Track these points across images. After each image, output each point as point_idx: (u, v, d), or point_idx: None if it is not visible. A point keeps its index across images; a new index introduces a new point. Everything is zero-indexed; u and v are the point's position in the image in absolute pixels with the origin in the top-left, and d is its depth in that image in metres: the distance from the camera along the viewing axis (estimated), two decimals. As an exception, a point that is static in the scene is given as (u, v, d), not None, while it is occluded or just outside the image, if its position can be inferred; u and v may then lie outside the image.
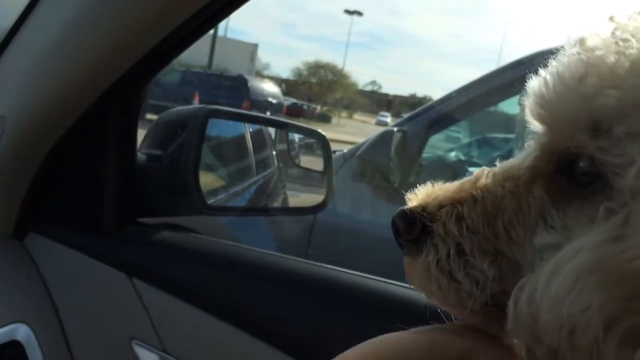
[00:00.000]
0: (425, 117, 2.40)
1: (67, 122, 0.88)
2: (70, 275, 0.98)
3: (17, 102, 0.88)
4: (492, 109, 2.85)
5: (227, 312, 0.86)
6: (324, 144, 1.18)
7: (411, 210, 0.40)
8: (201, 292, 0.88)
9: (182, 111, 1.07)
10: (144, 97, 0.94)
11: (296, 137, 1.35)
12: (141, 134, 1.09)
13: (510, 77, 2.39)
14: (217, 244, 0.95)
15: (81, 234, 0.98)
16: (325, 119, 36.00)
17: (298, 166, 1.35)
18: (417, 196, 0.41)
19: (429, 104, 2.52)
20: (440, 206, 0.39)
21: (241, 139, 1.47)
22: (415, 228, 0.39)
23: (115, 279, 0.93)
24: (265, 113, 16.51)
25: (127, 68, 0.80)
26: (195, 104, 12.29)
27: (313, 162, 1.34)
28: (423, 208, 0.40)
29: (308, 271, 0.84)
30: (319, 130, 1.19)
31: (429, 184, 0.43)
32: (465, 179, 0.41)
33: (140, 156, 1.03)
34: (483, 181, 0.40)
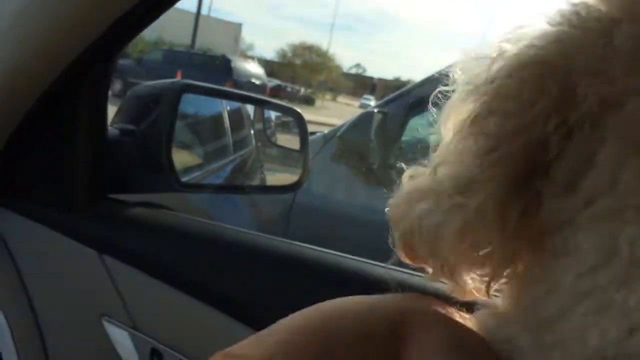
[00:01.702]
0: (406, 99, 2.40)
1: (34, 94, 0.86)
2: (39, 252, 0.96)
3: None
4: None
5: (199, 290, 0.85)
6: (300, 122, 1.16)
7: None
8: (173, 269, 0.87)
9: (156, 85, 1.05)
10: (114, 70, 0.92)
11: (273, 115, 1.34)
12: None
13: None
14: (191, 221, 0.93)
15: (51, 209, 0.96)
16: (309, 101, 35.87)
17: (274, 144, 1.34)
18: None
19: (410, 85, 2.52)
20: None
21: (218, 117, 1.45)
22: None
23: (85, 256, 0.91)
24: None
25: (96, 37, 0.78)
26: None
27: (290, 140, 1.33)
28: None
29: (284, 249, 0.83)
30: (295, 108, 1.18)
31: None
32: None
33: (113, 131, 1.01)
34: None
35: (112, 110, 1.01)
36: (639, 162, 0.29)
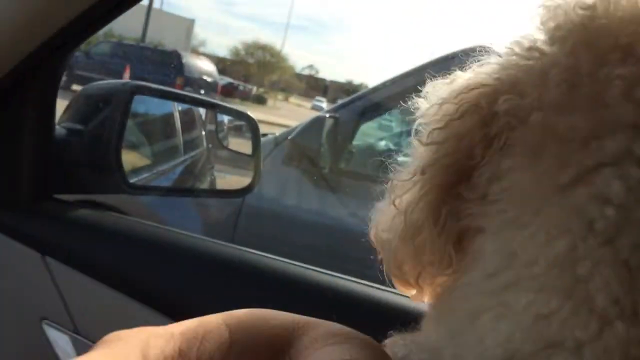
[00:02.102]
0: (358, 104, 2.43)
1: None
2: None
3: None
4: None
5: (142, 293, 0.84)
6: (253, 127, 1.17)
7: None
8: (116, 272, 0.86)
9: (107, 85, 1.03)
10: (64, 68, 0.90)
11: (225, 118, 1.33)
12: (64, 105, 1.04)
13: (440, 70, 2.45)
14: (135, 223, 0.92)
15: (-9, 208, 0.93)
16: (261, 100, 35.67)
17: (226, 148, 1.34)
18: None
19: (362, 91, 2.55)
20: None
21: (169, 117, 1.44)
22: None
23: (26, 257, 0.89)
24: (199, 91, 16.16)
25: (48, 37, 0.76)
26: (126, 77, 11.85)
27: (242, 144, 1.33)
28: None
29: (226, 253, 0.83)
30: (248, 113, 1.18)
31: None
32: None
33: (60, 130, 0.99)
34: None
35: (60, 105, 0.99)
36: (537, 169, 0.32)
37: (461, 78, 0.40)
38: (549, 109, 0.32)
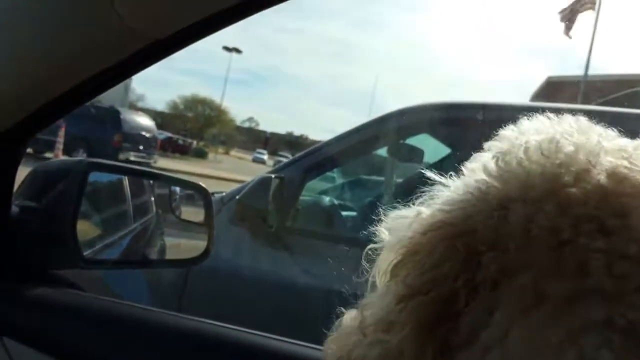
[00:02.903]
0: (303, 163, 2.51)
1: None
2: None
3: None
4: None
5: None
6: (205, 196, 1.21)
7: None
8: (77, 350, 0.87)
9: (61, 163, 1.06)
10: (25, 152, 0.92)
11: (176, 188, 1.37)
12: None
13: (381, 130, 2.58)
14: (94, 300, 0.94)
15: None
16: (201, 154, 35.45)
17: (179, 219, 1.36)
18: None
19: (306, 150, 2.64)
20: None
21: (118, 184, 1.45)
22: None
23: (-18, 339, 0.88)
24: (138, 147, 15.96)
25: (9, 126, 0.79)
26: (61, 135, 11.59)
27: (194, 212, 1.36)
28: None
29: (190, 326, 0.86)
30: (201, 184, 1.22)
31: None
32: None
33: (14, 208, 1.00)
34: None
35: None
36: (528, 326, 0.35)
37: (423, 213, 0.43)
38: (538, 271, 0.36)
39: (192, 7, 0.62)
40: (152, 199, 1.57)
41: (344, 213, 3.07)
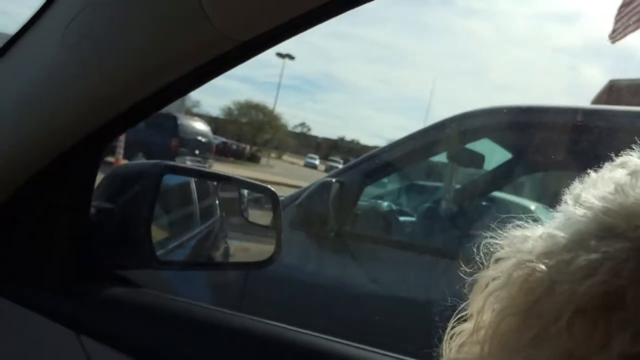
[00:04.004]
0: (362, 168, 2.49)
1: (23, 178, 0.87)
2: (15, 333, 0.95)
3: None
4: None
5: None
6: (274, 200, 1.21)
7: None
8: (153, 350, 0.88)
9: (137, 166, 1.08)
10: (105, 154, 0.95)
11: (245, 191, 1.38)
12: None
13: (441, 135, 2.54)
14: (169, 300, 0.95)
15: (26, 288, 0.96)
16: (254, 159, 35.95)
17: (248, 221, 1.37)
18: None
19: (366, 154, 2.62)
20: None
21: (186, 187, 1.48)
22: None
23: (62, 337, 0.91)
24: (194, 151, 16.32)
25: (89, 131, 0.81)
26: (122, 139, 11.98)
27: (260, 215, 1.37)
28: None
29: (266, 330, 0.86)
30: (269, 187, 1.22)
31: None
32: None
33: (91, 210, 1.03)
34: None
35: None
36: None
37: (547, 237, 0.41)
38: None
39: (277, 9, 0.62)
40: (217, 202, 1.58)
41: (402, 219, 3.04)
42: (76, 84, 0.76)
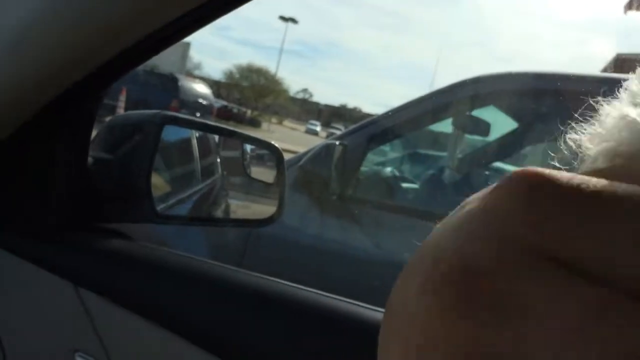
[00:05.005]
0: (365, 132, 2.45)
1: (16, 124, 0.84)
2: (8, 282, 0.93)
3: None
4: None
5: (176, 325, 0.84)
6: (278, 156, 1.18)
7: None
8: (151, 303, 0.86)
9: (136, 115, 1.04)
10: (102, 99, 0.91)
11: (248, 147, 1.34)
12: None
13: (447, 100, 2.49)
14: (168, 254, 0.93)
15: (22, 238, 0.93)
16: (255, 123, 35.81)
17: (250, 177, 1.34)
18: None
19: (369, 119, 2.58)
20: None
21: (187, 142, 1.44)
22: None
23: (59, 288, 0.89)
24: (195, 113, 16.25)
25: (87, 73, 0.77)
26: (122, 100, 11.90)
27: (262, 173, 1.34)
28: None
29: (262, 285, 0.84)
30: (274, 143, 1.19)
31: None
32: None
33: (89, 160, 0.99)
34: None
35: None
36: None
37: None
38: None
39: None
40: (218, 158, 1.55)
41: (404, 185, 3.02)
42: (69, 23, 0.72)
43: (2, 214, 0.94)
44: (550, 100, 2.54)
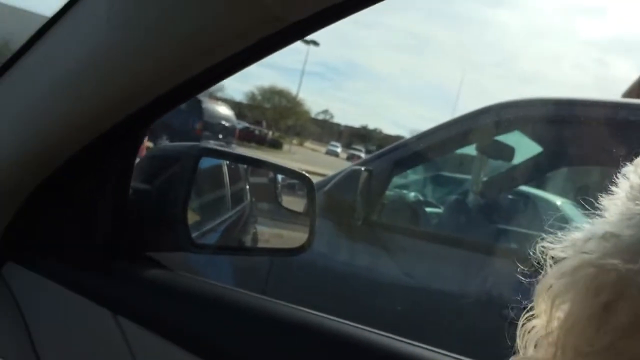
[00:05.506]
0: (391, 157, 2.47)
1: (63, 157, 0.87)
2: (51, 310, 0.96)
3: (11, 134, 0.86)
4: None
5: (213, 355, 0.86)
6: (309, 187, 1.20)
7: None
8: (189, 333, 0.88)
9: (174, 147, 1.08)
10: (145, 136, 0.94)
11: (279, 176, 1.37)
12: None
13: (473, 125, 2.50)
14: (206, 284, 0.95)
15: (64, 267, 0.96)
16: (276, 145, 36.03)
17: (282, 207, 1.37)
18: None
19: (394, 144, 2.60)
20: None
21: (218, 170, 1.47)
22: None
23: (98, 316, 0.91)
24: (218, 136, 16.41)
25: (131, 112, 0.81)
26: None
27: (291, 201, 1.36)
28: None
29: (301, 318, 0.85)
30: (305, 173, 1.21)
31: None
32: None
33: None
34: None
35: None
36: None
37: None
38: None
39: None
40: (247, 186, 1.58)
41: (428, 210, 3.01)
42: (120, 65, 0.76)
43: (46, 244, 0.97)
44: (575, 126, 2.54)
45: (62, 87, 0.80)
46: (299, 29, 0.67)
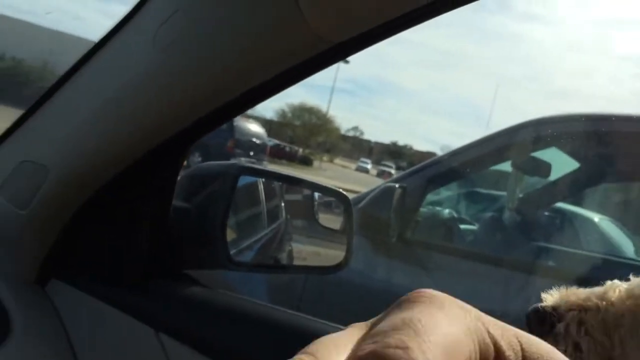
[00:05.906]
0: (425, 174, 2.46)
1: (107, 177, 0.89)
2: (94, 326, 0.97)
3: (60, 153, 0.89)
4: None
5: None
6: (346, 205, 1.20)
7: (544, 308, 0.48)
8: (232, 352, 0.88)
9: (214, 166, 1.09)
10: (187, 156, 0.96)
11: (316, 194, 1.38)
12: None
13: (509, 142, 2.48)
14: (246, 302, 0.95)
15: (107, 284, 0.98)
16: (306, 162, 36.15)
17: (319, 224, 1.37)
18: (552, 296, 0.49)
19: (429, 160, 2.59)
20: (569, 309, 0.46)
21: (255, 187, 1.48)
22: (545, 325, 0.47)
23: (141, 333, 0.92)
24: (249, 153, 16.56)
25: (177, 131, 0.82)
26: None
27: (327, 219, 1.36)
28: (554, 308, 0.47)
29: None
30: (342, 191, 1.22)
31: (563, 288, 0.51)
32: (595, 289, 0.48)
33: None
34: (610, 294, 0.45)
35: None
36: None
37: None
38: None
39: (374, 10, 0.60)
40: (283, 203, 1.59)
41: (462, 227, 2.98)
42: (166, 85, 0.78)
43: (87, 260, 0.99)
44: (612, 141, 2.49)
45: (109, 109, 0.82)
46: (342, 50, 0.68)
